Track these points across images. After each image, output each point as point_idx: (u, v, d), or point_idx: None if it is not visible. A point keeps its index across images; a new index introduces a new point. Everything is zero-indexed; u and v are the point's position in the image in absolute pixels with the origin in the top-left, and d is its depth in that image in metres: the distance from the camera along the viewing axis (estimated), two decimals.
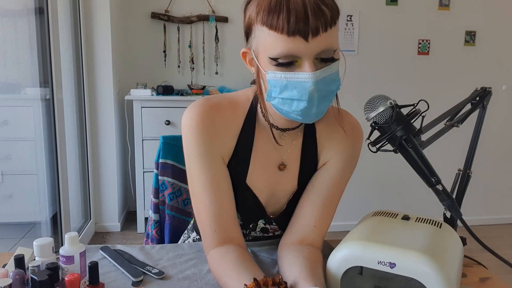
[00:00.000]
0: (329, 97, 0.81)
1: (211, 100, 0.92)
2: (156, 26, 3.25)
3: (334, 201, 0.96)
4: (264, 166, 0.95)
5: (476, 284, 0.90)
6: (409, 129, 0.82)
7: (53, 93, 2.29)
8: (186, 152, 0.91)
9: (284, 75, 0.78)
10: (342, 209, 0.98)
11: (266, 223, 1.02)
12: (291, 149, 0.96)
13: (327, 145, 0.97)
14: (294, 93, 0.78)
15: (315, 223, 0.93)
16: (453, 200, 0.86)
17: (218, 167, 0.90)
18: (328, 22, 0.75)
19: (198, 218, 0.91)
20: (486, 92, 1.04)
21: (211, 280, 0.87)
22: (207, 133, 0.89)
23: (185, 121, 0.91)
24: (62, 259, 0.78)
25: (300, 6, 0.73)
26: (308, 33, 0.73)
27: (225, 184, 0.91)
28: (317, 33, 0.74)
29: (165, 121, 2.95)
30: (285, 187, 0.98)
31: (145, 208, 3.06)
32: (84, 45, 2.86)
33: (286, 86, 0.78)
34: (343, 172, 0.97)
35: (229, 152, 0.92)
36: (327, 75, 0.78)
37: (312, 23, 0.73)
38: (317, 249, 0.92)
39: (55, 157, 2.37)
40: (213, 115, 0.90)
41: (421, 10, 3.22)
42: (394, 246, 0.72)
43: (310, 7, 0.73)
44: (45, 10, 2.23)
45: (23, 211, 2.52)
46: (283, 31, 0.74)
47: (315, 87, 0.76)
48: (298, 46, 0.74)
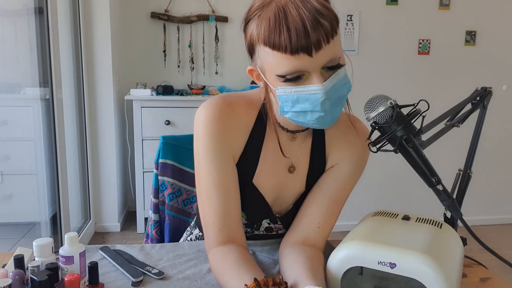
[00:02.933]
0: (342, 102, 0.82)
1: (225, 98, 0.92)
2: (156, 26, 3.25)
3: (339, 204, 0.96)
4: (273, 167, 0.95)
5: (476, 284, 0.90)
6: (409, 129, 0.82)
7: (52, 93, 2.29)
8: (197, 149, 0.91)
9: (294, 89, 0.78)
10: (342, 209, 0.98)
11: (271, 222, 1.02)
12: (301, 151, 0.96)
13: (336, 148, 0.97)
14: (306, 105, 0.79)
15: (319, 224, 0.93)
16: (454, 200, 0.85)
17: (228, 167, 0.90)
18: (329, 34, 0.75)
19: (203, 215, 0.91)
20: (486, 92, 1.04)
21: (211, 280, 0.87)
22: (221, 131, 0.89)
23: (199, 118, 0.91)
24: (62, 259, 0.78)
25: (299, 23, 0.73)
26: (311, 48, 0.74)
27: (233, 184, 0.91)
28: (320, 47, 0.74)
29: (165, 121, 2.95)
30: (293, 188, 0.98)
31: (145, 208, 3.06)
32: (83, 45, 2.86)
33: (298, 99, 0.79)
34: (350, 177, 0.97)
35: (240, 150, 0.93)
36: (336, 82, 0.79)
37: (313, 38, 0.73)
38: (319, 250, 0.92)
39: (54, 157, 2.37)
40: (228, 114, 0.90)
41: (421, 10, 3.22)
42: (394, 246, 0.72)
43: (309, 22, 0.73)
44: (45, 10, 2.23)
45: (22, 211, 2.52)
46: (287, 50, 0.74)
47: (326, 96, 0.77)
48: (304, 62, 0.75)
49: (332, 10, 0.77)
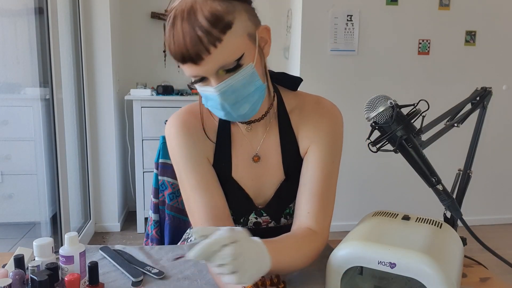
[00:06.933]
0: (249, 99, 0.85)
1: (186, 108, 1.00)
2: (156, 26, 3.25)
3: (324, 185, 0.95)
4: (245, 158, 0.99)
5: (476, 284, 0.90)
6: (409, 129, 0.82)
7: (52, 93, 2.29)
8: (173, 159, 0.98)
9: (200, 89, 0.86)
10: (342, 209, 0.98)
11: (258, 216, 1.03)
12: (266, 140, 0.99)
13: (304, 130, 0.99)
14: (212, 103, 0.86)
15: (307, 210, 0.94)
16: (453, 200, 0.86)
17: (204, 168, 0.95)
18: (208, 45, 0.77)
19: (192, 218, 0.94)
20: (486, 92, 1.04)
21: (211, 280, 0.87)
22: (189, 137, 0.96)
23: (167, 131, 0.98)
24: (62, 259, 0.78)
25: (181, 37, 0.78)
26: (194, 59, 0.79)
27: (214, 183, 0.95)
28: (201, 58, 0.78)
29: (165, 121, 2.94)
30: (271, 177, 1.00)
31: (145, 208, 3.06)
32: (83, 45, 2.86)
33: (206, 97, 0.86)
34: (327, 155, 0.97)
35: (212, 150, 0.98)
36: (235, 83, 0.82)
37: (192, 52, 0.78)
38: (307, 228, 0.92)
39: (55, 157, 2.37)
40: (191, 120, 0.97)
41: (421, 10, 3.22)
42: (394, 246, 0.72)
43: (187, 36, 0.77)
44: (45, 10, 2.23)
45: (23, 211, 2.52)
46: (178, 61, 0.81)
47: (222, 97, 0.82)
48: (195, 69, 0.81)
49: (213, 14, 0.77)
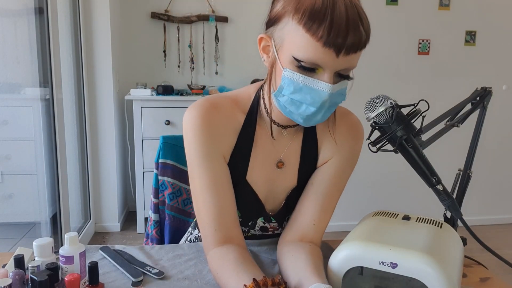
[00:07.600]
0: (334, 108, 0.84)
1: (210, 99, 0.92)
2: (156, 26, 3.25)
3: (333, 200, 0.96)
4: (264, 162, 0.96)
5: (476, 284, 0.90)
6: (409, 129, 0.82)
7: (52, 93, 2.29)
8: (188, 152, 0.92)
9: (303, 78, 0.78)
10: (342, 209, 0.98)
11: (266, 221, 1.02)
12: (290, 146, 0.96)
13: (328, 142, 0.97)
14: (307, 97, 0.79)
15: (314, 221, 0.93)
16: (454, 200, 0.86)
17: (219, 167, 0.91)
18: (362, 43, 0.75)
19: (199, 217, 0.91)
20: (486, 92, 1.04)
21: (211, 280, 0.87)
22: (208, 132, 0.89)
23: (186, 121, 0.92)
24: (62, 259, 0.78)
25: (343, 20, 0.72)
26: (343, 49, 0.73)
27: (226, 184, 0.91)
28: (349, 52, 0.74)
29: (165, 121, 2.95)
30: (284, 183, 0.98)
31: (145, 208, 3.05)
32: (84, 45, 2.86)
33: (301, 89, 0.78)
34: (343, 171, 0.97)
35: (230, 149, 0.93)
36: (340, 90, 0.80)
37: (350, 40, 0.73)
38: (317, 246, 0.93)
39: (55, 157, 2.37)
40: (213, 114, 0.90)
41: (421, 10, 3.22)
42: (396, 246, 0.72)
43: (352, 23, 0.72)
44: (45, 10, 2.23)
45: (23, 211, 2.51)
46: (321, 40, 0.73)
47: (329, 98, 0.78)
48: (327, 59, 0.74)
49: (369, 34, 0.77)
